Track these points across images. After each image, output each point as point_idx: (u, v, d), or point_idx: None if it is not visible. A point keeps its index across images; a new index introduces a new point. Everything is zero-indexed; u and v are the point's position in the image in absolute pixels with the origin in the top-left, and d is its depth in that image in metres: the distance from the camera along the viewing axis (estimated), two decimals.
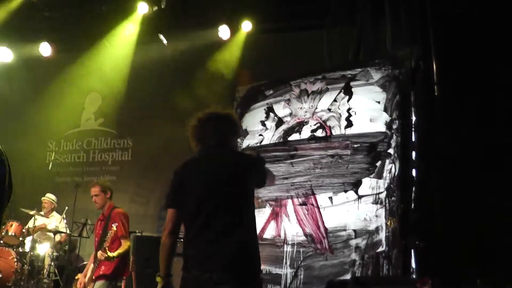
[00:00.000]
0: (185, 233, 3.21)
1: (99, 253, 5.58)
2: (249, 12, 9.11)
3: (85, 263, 7.31)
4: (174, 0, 9.10)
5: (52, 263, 8.19)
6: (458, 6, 4.89)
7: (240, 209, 3.13)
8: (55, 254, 8.22)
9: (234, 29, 9.29)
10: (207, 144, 3.30)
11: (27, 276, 7.85)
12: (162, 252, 3.28)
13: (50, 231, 8.36)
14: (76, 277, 6.34)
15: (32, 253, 8.07)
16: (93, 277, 5.72)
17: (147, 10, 9.24)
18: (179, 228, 3.24)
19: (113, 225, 5.67)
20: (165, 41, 9.77)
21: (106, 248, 5.57)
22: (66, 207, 8.77)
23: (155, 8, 9.15)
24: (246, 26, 9.09)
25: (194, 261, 3.11)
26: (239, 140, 5.01)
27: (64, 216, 8.70)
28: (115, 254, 5.64)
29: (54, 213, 8.94)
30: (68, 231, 8.43)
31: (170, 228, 3.22)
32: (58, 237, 8.38)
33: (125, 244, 5.79)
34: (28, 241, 8.26)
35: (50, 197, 8.98)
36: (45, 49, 10.25)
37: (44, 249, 8.41)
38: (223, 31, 9.22)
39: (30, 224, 8.39)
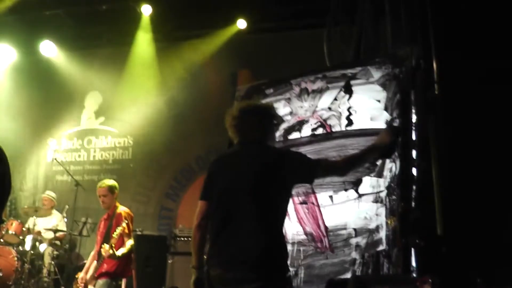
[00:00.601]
0: (209, 229, 3.20)
1: (104, 248, 5.60)
2: (250, 11, 9.12)
3: (85, 261, 7.32)
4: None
5: (53, 262, 8.21)
6: (459, 4, 4.89)
7: (268, 207, 3.07)
8: (55, 252, 8.24)
9: (235, 28, 9.30)
10: (245, 137, 3.27)
11: (27, 274, 7.87)
12: (193, 243, 3.24)
13: (50, 230, 8.37)
14: (76, 276, 6.36)
15: (32, 251, 8.10)
16: (96, 275, 5.74)
17: (150, 11, 9.25)
18: (208, 221, 3.22)
19: (123, 223, 5.70)
20: (165, 40, 9.77)
21: (113, 245, 5.60)
22: (67, 206, 8.79)
23: (155, 8, 9.16)
24: (247, 25, 9.11)
25: (217, 259, 3.08)
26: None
27: (65, 215, 8.71)
28: (119, 254, 5.67)
29: (55, 211, 8.96)
30: (68, 230, 8.45)
31: (199, 220, 3.20)
32: (57, 235, 8.40)
33: (129, 244, 5.82)
34: (28, 239, 8.28)
35: (50, 194, 9.00)
36: (46, 48, 10.26)
37: (44, 248, 8.42)
38: (224, 30, 9.23)
39: (31, 223, 8.40)
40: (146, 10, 9.39)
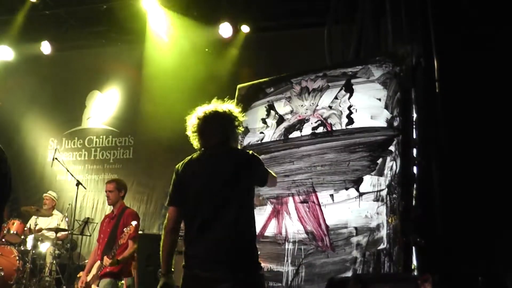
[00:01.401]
0: (185, 232, 3.27)
1: (106, 259, 5.62)
2: (250, 10, 9.11)
3: (87, 261, 7.32)
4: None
5: (54, 261, 8.20)
6: (460, 2, 4.89)
7: (238, 208, 3.14)
8: (57, 252, 8.23)
9: (235, 28, 9.29)
10: (208, 141, 3.32)
11: (29, 274, 7.87)
12: (162, 249, 3.31)
13: (51, 229, 8.38)
14: (78, 275, 6.36)
15: (34, 251, 8.10)
16: (99, 274, 5.74)
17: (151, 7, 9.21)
18: (179, 226, 3.29)
19: (132, 223, 5.70)
20: (166, 40, 9.76)
21: (115, 252, 5.62)
22: (68, 206, 8.79)
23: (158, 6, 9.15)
24: (247, 24, 9.10)
25: (194, 260, 3.16)
26: (239, 137, 5.01)
27: (66, 215, 8.72)
28: (120, 258, 5.69)
29: (56, 211, 8.96)
30: (69, 229, 8.45)
31: (170, 226, 3.27)
32: (59, 234, 8.40)
33: (132, 247, 5.82)
34: (30, 239, 8.28)
35: (51, 194, 9.00)
36: (46, 47, 10.25)
37: (45, 247, 8.43)
38: (224, 30, 9.21)
39: (32, 223, 8.41)
40: (147, 7, 9.35)
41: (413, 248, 3.97)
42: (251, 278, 3.09)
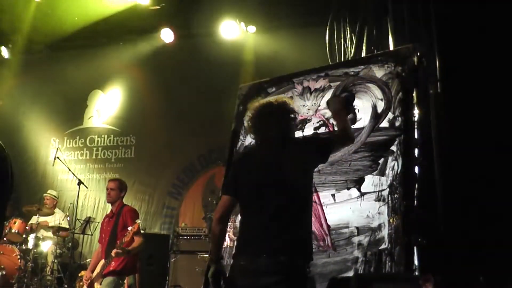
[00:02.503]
0: (240, 223, 3.37)
1: (114, 251, 5.64)
2: (252, 10, 9.11)
3: (88, 260, 7.34)
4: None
5: (56, 260, 8.22)
6: (462, 1, 4.89)
7: (294, 199, 3.16)
8: (58, 251, 8.25)
9: (237, 28, 9.29)
10: (264, 135, 3.37)
11: (30, 273, 7.89)
12: (212, 237, 3.33)
13: (52, 227, 8.39)
14: (79, 274, 6.37)
15: (35, 250, 8.12)
16: (103, 273, 5.76)
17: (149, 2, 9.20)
18: (229, 215, 3.36)
19: (136, 221, 5.74)
20: (168, 39, 9.77)
21: (121, 243, 5.65)
22: (70, 205, 8.80)
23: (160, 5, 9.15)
24: (249, 24, 9.10)
25: (244, 250, 3.18)
26: (240, 137, 5.02)
27: (67, 214, 8.73)
28: (130, 248, 5.72)
29: (57, 210, 8.98)
30: (71, 228, 8.46)
31: (220, 214, 3.28)
32: (60, 233, 8.41)
33: (139, 240, 5.85)
34: (31, 238, 8.29)
35: (51, 193, 9.02)
36: (50, 47, 10.27)
37: (47, 246, 8.44)
38: (226, 30, 9.22)
39: (33, 220, 8.42)
40: (148, 1, 9.34)
41: (415, 248, 3.96)
42: (299, 274, 3.09)
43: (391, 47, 5.19)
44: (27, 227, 8.39)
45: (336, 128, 4.56)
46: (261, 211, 3.17)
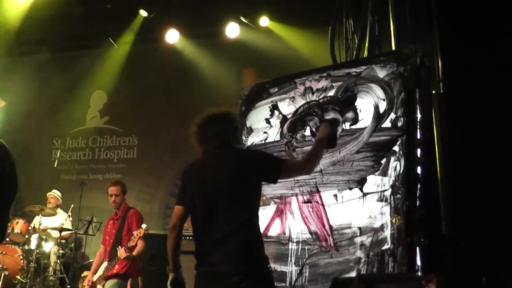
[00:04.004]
0: (193, 232, 3.49)
1: (121, 251, 5.66)
2: (257, 10, 9.11)
3: (91, 260, 7.34)
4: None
5: (58, 261, 8.23)
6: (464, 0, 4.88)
7: (242, 205, 3.28)
8: (61, 251, 8.25)
9: (239, 28, 9.29)
10: (209, 146, 3.50)
11: (33, 273, 7.90)
12: (168, 245, 3.53)
13: (55, 229, 8.40)
14: (82, 275, 6.39)
15: (38, 250, 8.12)
16: (106, 276, 5.77)
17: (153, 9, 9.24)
18: (182, 224, 3.51)
19: (142, 226, 5.77)
20: (171, 40, 9.77)
21: (128, 246, 5.67)
22: (72, 205, 8.81)
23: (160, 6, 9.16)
24: (254, 24, 9.10)
25: (202, 258, 3.33)
26: (243, 137, 5.05)
27: (70, 214, 8.73)
28: (135, 254, 5.74)
29: (60, 210, 8.98)
30: (73, 229, 8.47)
31: (173, 223, 3.47)
32: (63, 234, 8.42)
33: (141, 244, 5.87)
34: (34, 238, 8.30)
35: (55, 193, 9.03)
36: (51, 47, 10.28)
37: (50, 247, 8.44)
38: (230, 30, 9.22)
39: (36, 222, 8.43)
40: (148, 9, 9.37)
41: (417, 248, 3.96)
42: (258, 273, 3.20)
43: (393, 48, 5.19)
44: (29, 228, 8.40)
45: (338, 130, 4.57)
46: (207, 220, 3.29)
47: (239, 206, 3.26)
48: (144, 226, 5.83)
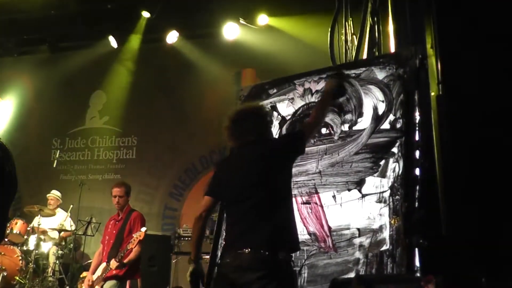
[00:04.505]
0: (225, 224, 3.61)
1: (112, 262, 5.66)
2: (255, 9, 9.11)
3: (90, 261, 7.34)
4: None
5: (57, 261, 8.22)
6: (464, 3, 4.89)
7: (272, 195, 3.28)
8: (60, 252, 8.25)
9: (239, 29, 9.29)
10: (244, 141, 3.50)
11: (31, 274, 7.89)
12: (192, 235, 3.50)
13: (54, 229, 8.40)
14: (81, 275, 6.38)
15: (37, 251, 8.12)
16: (104, 277, 5.77)
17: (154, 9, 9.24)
18: (209, 215, 3.48)
19: (142, 229, 5.77)
20: (171, 40, 9.78)
21: (122, 255, 5.66)
22: (71, 205, 8.81)
23: (160, 7, 9.16)
24: (253, 24, 9.10)
25: (228, 247, 3.30)
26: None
27: (69, 214, 8.73)
28: (126, 261, 5.73)
29: (60, 210, 8.98)
30: (73, 229, 8.47)
31: (200, 213, 3.42)
32: (62, 234, 8.42)
33: (137, 250, 5.86)
34: (32, 239, 8.29)
35: (55, 193, 9.03)
36: (51, 46, 10.28)
37: (48, 247, 8.44)
38: (229, 30, 9.22)
39: (35, 223, 8.43)
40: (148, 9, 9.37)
41: (416, 249, 3.97)
42: (283, 270, 3.17)
43: (393, 49, 5.20)
44: (28, 228, 8.39)
45: (337, 131, 4.58)
46: (243, 209, 3.28)
47: (272, 199, 3.27)
48: (144, 229, 5.82)
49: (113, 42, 10.10)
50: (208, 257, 4.48)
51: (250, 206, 3.25)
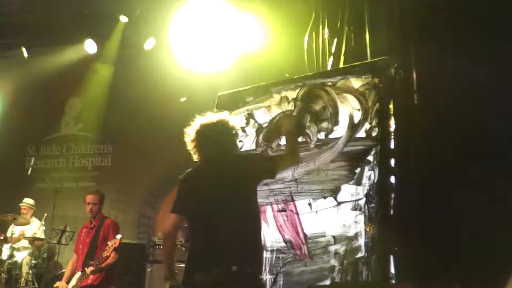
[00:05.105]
0: (191, 240, 3.42)
1: (88, 269, 5.58)
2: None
3: (63, 270, 7.24)
4: (156, 6, 9.04)
5: (30, 271, 8.07)
6: (439, 14, 4.96)
7: (242, 213, 3.25)
8: (33, 262, 8.10)
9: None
10: (208, 153, 3.45)
11: (4, 284, 7.75)
12: (163, 253, 3.47)
13: (28, 238, 8.27)
14: (54, 285, 6.27)
15: (9, 261, 7.96)
16: (79, 286, 5.68)
17: (131, 15, 9.17)
18: (177, 232, 3.45)
19: (117, 236, 5.69)
20: (148, 47, 9.72)
21: (97, 262, 5.59)
22: (46, 214, 8.67)
23: (138, 12, 9.10)
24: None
25: (199, 263, 3.23)
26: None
27: (43, 223, 8.60)
28: (104, 265, 5.66)
29: (34, 219, 8.84)
30: (46, 238, 8.34)
31: (169, 232, 3.37)
32: (36, 243, 8.28)
33: (115, 256, 5.78)
34: (5, 248, 8.14)
35: (28, 202, 8.88)
36: (24, 51, 10.14)
37: (22, 257, 8.29)
38: None
39: (9, 233, 8.29)
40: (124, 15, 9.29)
41: (391, 256, 4.00)
42: (253, 282, 3.18)
43: (369, 59, 5.24)
44: (1, 237, 8.25)
45: (313, 138, 4.60)
46: (210, 226, 3.23)
47: (241, 213, 3.24)
48: (119, 236, 5.76)
49: (90, 47, 9.98)
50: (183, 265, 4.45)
51: (217, 222, 3.21)
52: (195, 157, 3.54)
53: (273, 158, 3.55)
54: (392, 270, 3.94)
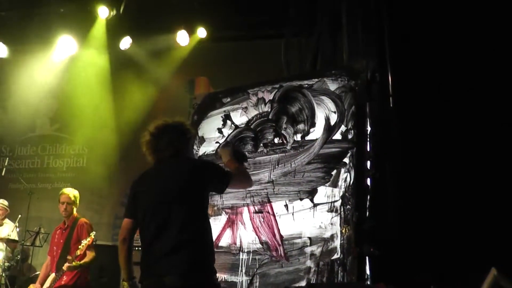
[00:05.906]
0: (141, 243, 3.39)
1: (66, 265, 5.53)
2: (207, 19, 9.08)
3: (37, 273, 7.15)
4: (133, 5, 8.99)
5: (3, 274, 7.95)
6: (415, 19, 5.02)
7: (192, 216, 3.24)
8: (6, 264, 7.98)
9: (192, 36, 9.24)
10: (161, 155, 3.43)
11: None
12: (120, 258, 3.45)
13: (1, 239, 8.15)
14: None
15: None
16: (53, 287, 5.63)
17: (107, 14, 9.10)
18: (132, 236, 3.45)
19: (91, 234, 5.64)
20: (124, 46, 9.65)
21: (74, 257, 5.54)
22: (20, 215, 8.56)
23: (114, 13, 9.04)
24: (203, 33, 9.04)
25: (149, 269, 3.25)
26: (195, 147, 5.04)
27: (17, 225, 8.49)
28: (82, 262, 5.61)
29: (7, 220, 8.72)
30: (20, 240, 8.23)
31: (124, 236, 3.41)
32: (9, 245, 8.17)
33: (91, 255, 5.74)
34: None
35: (3, 203, 8.76)
36: (2, 50, 9.99)
37: None
38: (181, 37, 9.14)
39: None
40: (106, 14, 9.22)
41: (367, 258, 4.03)
42: (204, 284, 3.17)
43: (345, 62, 5.29)
44: None
45: (289, 140, 4.62)
46: (158, 231, 3.22)
47: (191, 217, 3.23)
48: (93, 234, 5.71)
49: (70, 45, 9.85)
50: None
51: (168, 225, 3.19)
52: (149, 159, 3.52)
53: (229, 173, 3.49)
54: (368, 271, 3.97)
